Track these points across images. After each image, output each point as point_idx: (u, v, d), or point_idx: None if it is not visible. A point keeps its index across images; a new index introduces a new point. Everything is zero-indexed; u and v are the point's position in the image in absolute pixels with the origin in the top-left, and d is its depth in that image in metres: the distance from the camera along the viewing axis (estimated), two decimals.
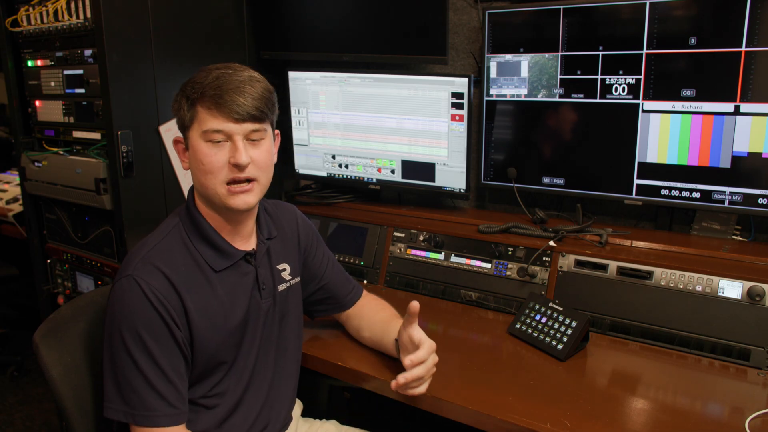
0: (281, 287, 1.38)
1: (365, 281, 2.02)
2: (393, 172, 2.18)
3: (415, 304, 1.25)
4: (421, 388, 1.28)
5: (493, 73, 2.01)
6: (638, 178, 1.83)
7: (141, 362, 1.12)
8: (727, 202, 1.72)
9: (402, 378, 1.24)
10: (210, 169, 1.18)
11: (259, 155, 1.21)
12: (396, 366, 1.44)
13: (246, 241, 1.31)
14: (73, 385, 1.27)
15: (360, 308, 1.57)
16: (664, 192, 1.81)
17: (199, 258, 1.23)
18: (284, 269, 1.40)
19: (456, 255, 1.91)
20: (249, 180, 1.20)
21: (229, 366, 1.27)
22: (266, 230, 1.37)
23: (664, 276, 1.60)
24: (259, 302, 1.31)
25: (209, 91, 1.16)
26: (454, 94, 1.98)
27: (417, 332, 1.28)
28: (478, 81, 2.07)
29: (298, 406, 1.52)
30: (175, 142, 1.27)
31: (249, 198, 1.21)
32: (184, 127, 1.23)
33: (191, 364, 1.21)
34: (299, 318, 1.46)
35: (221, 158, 1.18)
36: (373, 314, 1.54)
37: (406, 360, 1.26)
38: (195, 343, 1.19)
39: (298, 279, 1.45)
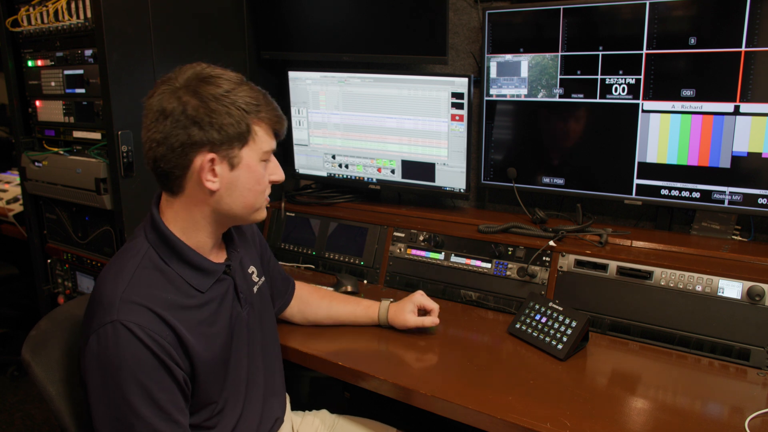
0: (254, 290, 1.37)
1: (365, 281, 2.02)
2: (393, 172, 2.18)
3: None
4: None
5: (493, 73, 2.01)
6: (638, 178, 1.83)
7: (146, 413, 1.04)
8: (726, 202, 1.72)
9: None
10: (264, 188, 1.21)
11: None
12: (396, 366, 1.45)
13: (221, 253, 1.29)
14: (72, 400, 1.23)
15: (300, 296, 1.65)
16: (664, 192, 1.81)
17: (181, 282, 1.15)
18: (252, 271, 1.39)
19: (456, 255, 1.91)
20: None
21: (223, 382, 1.22)
22: (236, 238, 1.34)
23: (663, 276, 1.60)
24: (240, 312, 1.27)
25: (264, 107, 1.16)
26: (454, 94, 1.98)
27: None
28: (478, 81, 2.07)
29: (287, 400, 1.52)
30: (211, 160, 1.10)
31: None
32: (235, 142, 1.11)
33: (191, 393, 1.15)
34: (273, 315, 1.47)
35: (267, 177, 1.22)
36: (318, 298, 1.67)
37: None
38: (196, 371, 1.13)
39: (263, 278, 1.43)
